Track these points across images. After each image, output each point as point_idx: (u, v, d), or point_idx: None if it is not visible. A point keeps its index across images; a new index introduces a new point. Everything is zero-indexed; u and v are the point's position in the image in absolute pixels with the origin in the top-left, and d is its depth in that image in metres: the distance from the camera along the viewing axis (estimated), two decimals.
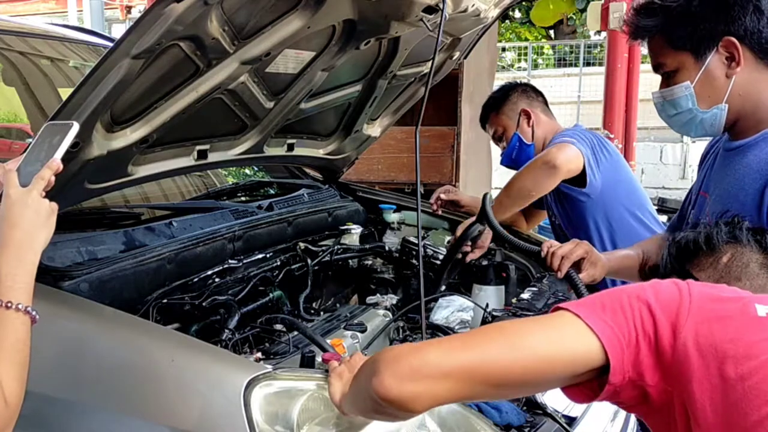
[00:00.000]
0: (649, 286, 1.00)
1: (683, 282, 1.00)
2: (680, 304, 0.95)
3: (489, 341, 0.98)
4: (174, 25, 1.41)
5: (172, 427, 1.33)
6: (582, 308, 0.98)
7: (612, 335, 0.94)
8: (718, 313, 0.94)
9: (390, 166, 4.27)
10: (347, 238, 2.52)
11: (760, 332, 0.91)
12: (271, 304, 1.99)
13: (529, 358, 0.95)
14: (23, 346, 1.07)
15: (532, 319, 1.04)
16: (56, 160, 1.21)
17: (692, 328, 0.92)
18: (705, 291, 0.98)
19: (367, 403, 1.08)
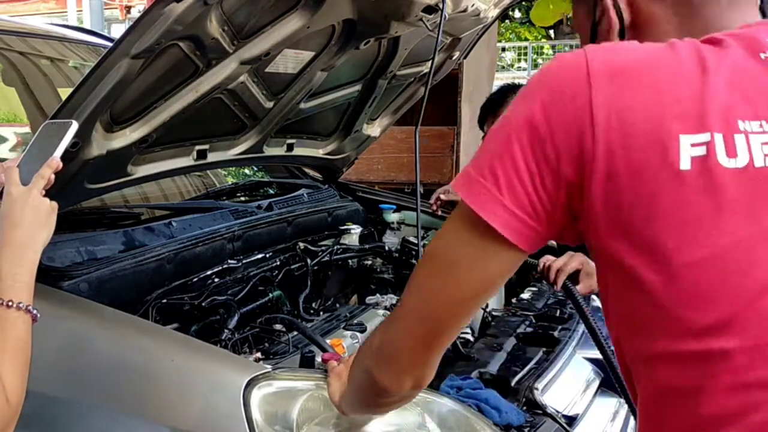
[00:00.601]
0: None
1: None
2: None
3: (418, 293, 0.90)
4: (173, 25, 1.41)
5: (172, 426, 1.33)
6: (479, 200, 0.79)
7: (519, 226, 0.78)
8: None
9: (390, 166, 4.27)
10: (347, 238, 2.52)
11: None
12: (270, 304, 1.99)
13: (462, 281, 0.84)
14: (24, 345, 1.07)
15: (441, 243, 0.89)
16: (56, 158, 1.21)
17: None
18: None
19: (367, 400, 1.07)
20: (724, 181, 0.72)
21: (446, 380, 1.61)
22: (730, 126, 0.73)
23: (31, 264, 1.12)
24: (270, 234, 2.26)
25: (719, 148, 0.73)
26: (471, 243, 0.81)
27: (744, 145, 0.73)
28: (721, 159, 0.72)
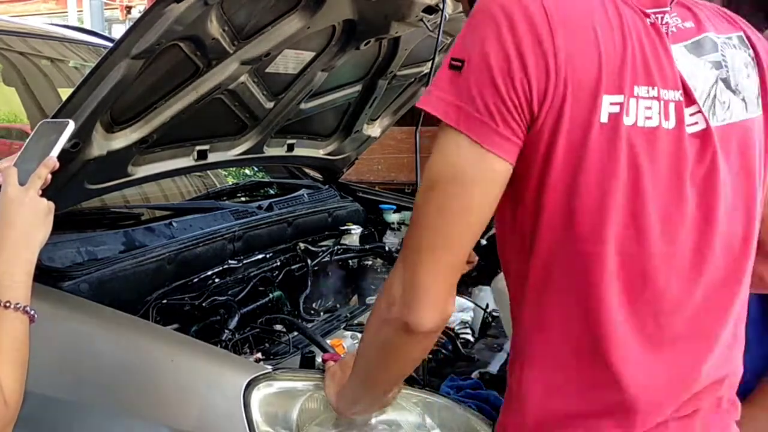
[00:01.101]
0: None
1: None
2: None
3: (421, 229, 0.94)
4: (174, 25, 1.41)
5: (172, 427, 1.33)
6: (480, 132, 0.89)
7: (511, 147, 0.90)
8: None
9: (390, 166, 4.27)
10: (347, 238, 2.52)
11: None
12: (271, 305, 1.99)
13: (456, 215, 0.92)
14: (22, 346, 1.06)
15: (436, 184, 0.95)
16: (53, 157, 1.20)
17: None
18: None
19: (389, 363, 1.05)
20: (621, 135, 0.89)
21: (446, 380, 1.61)
22: (631, 90, 0.90)
23: (28, 264, 1.12)
24: (270, 234, 2.26)
25: (625, 108, 0.89)
26: (474, 167, 0.90)
27: (635, 107, 0.90)
28: (624, 118, 0.89)
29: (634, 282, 0.94)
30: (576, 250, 0.93)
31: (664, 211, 0.93)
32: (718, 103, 0.97)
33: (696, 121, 0.95)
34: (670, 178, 0.93)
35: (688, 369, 0.99)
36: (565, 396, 0.97)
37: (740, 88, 1.00)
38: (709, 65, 0.98)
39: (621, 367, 0.94)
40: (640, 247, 0.93)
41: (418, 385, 1.53)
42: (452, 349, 1.80)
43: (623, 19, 0.92)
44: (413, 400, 1.40)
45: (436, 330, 0.97)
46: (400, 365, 1.07)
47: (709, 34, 0.99)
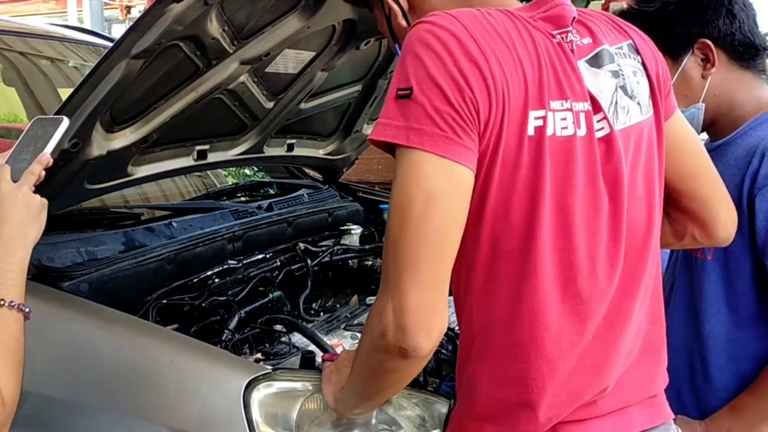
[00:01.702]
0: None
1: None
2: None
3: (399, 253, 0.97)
4: (174, 25, 1.41)
5: (172, 427, 1.33)
6: (448, 148, 0.96)
7: (472, 155, 0.97)
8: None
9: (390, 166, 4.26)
10: (347, 238, 2.52)
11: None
12: (271, 305, 1.99)
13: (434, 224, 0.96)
14: (17, 344, 1.06)
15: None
16: (46, 154, 1.20)
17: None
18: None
19: (382, 380, 1.07)
20: (545, 144, 1.00)
21: (446, 380, 1.61)
22: (549, 104, 1.00)
23: (22, 262, 1.11)
24: (270, 234, 2.26)
25: (547, 121, 1.00)
26: (446, 182, 0.96)
27: (552, 119, 1.00)
28: (547, 129, 1.00)
29: (565, 275, 1.03)
30: (513, 247, 1.02)
31: (584, 207, 1.03)
32: (619, 109, 1.09)
33: (602, 126, 1.06)
34: (586, 178, 1.04)
35: (611, 351, 1.09)
36: (509, 386, 1.06)
37: (635, 93, 1.12)
38: (609, 74, 1.09)
39: (556, 356, 1.04)
40: (568, 242, 1.02)
41: (418, 385, 1.53)
42: (452, 349, 1.80)
43: (535, 41, 1.03)
44: (413, 400, 1.40)
45: (433, 349, 0.98)
46: (396, 385, 1.10)
47: (605, 47, 1.10)
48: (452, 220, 0.97)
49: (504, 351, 1.06)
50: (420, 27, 1.00)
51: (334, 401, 1.24)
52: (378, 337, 0.99)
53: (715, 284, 1.51)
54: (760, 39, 1.52)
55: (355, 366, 1.13)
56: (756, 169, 1.42)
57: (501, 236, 1.02)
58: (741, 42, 1.51)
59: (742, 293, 1.49)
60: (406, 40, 1.00)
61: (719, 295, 1.51)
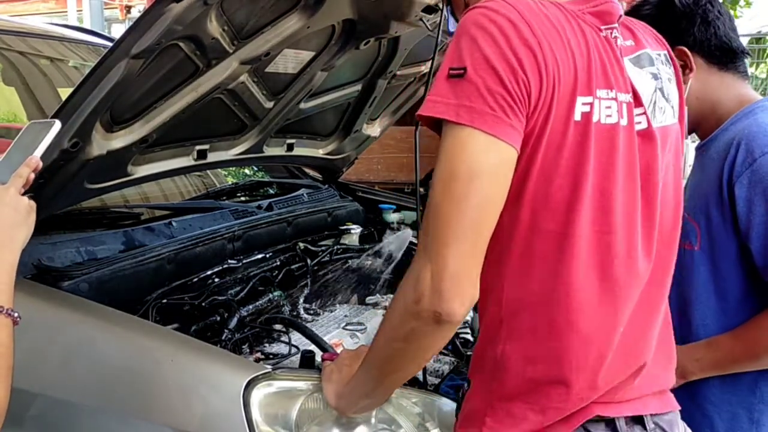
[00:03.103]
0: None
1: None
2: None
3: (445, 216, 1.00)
4: (173, 25, 1.41)
5: (172, 426, 1.33)
6: (496, 126, 0.99)
7: (518, 135, 1.01)
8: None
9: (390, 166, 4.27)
10: (347, 238, 2.52)
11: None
12: (270, 304, 1.99)
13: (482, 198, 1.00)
14: (6, 350, 1.04)
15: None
16: (35, 157, 1.19)
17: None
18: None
19: (408, 355, 1.08)
20: (591, 130, 1.04)
21: (446, 380, 1.61)
22: (596, 92, 1.04)
23: (9, 265, 1.10)
24: (270, 234, 2.26)
25: (593, 108, 1.04)
26: (492, 159, 0.99)
27: (598, 106, 1.04)
28: (593, 116, 1.04)
29: (603, 258, 1.07)
30: (552, 228, 1.05)
31: (624, 195, 1.08)
32: (657, 108, 1.15)
33: (641, 120, 1.11)
34: (625, 167, 1.08)
35: (642, 339, 1.14)
36: (543, 364, 1.08)
37: (670, 97, 1.19)
38: (649, 76, 1.15)
39: (592, 337, 1.07)
40: (608, 226, 1.06)
41: (418, 385, 1.53)
42: (452, 349, 1.80)
43: (584, 32, 1.07)
44: (413, 400, 1.40)
45: (462, 319, 1.02)
46: (422, 357, 1.11)
47: (646, 50, 1.17)
48: (494, 196, 1.01)
49: (538, 330, 1.08)
50: (476, 11, 1.03)
51: (336, 399, 1.24)
52: (413, 302, 1.01)
53: (704, 273, 1.57)
54: (737, 43, 1.60)
55: (375, 343, 1.14)
56: (733, 158, 1.49)
57: (540, 216, 1.05)
58: (717, 47, 1.59)
59: (730, 280, 1.54)
60: (461, 22, 1.04)
61: (708, 283, 1.57)
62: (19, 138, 1.24)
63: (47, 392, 1.41)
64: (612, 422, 1.12)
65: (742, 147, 1.49)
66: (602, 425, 1.12)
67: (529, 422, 1.09)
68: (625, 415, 1.13)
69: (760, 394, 1.57)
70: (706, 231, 1.56)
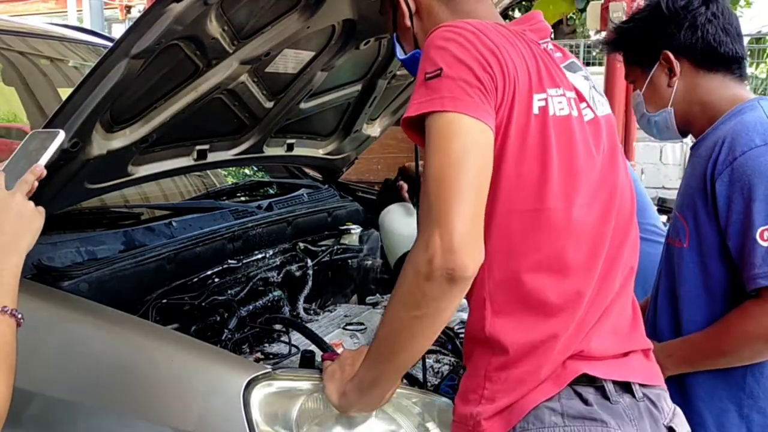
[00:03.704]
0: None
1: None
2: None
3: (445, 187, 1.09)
4: (173, 25, 1.41)
5: (172, 427, 1.33)
6: (477, 108, 1.12)
7: (491, 117, 1.14)
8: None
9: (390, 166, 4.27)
10: (347, 238, 2.52)
11: None
12: (270, 304, 1.99)
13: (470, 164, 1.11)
14: (10, 350, 1.06)
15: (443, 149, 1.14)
16: (40, 165, 1.22)
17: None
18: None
19: (388, 368, 1.16)
20: (549, 122, 1.19)
21: (446, 380, 1.61)
22: (546, 90, 1.21)
23: (15, 268, 1.12)
24: (270, 234, 2.26)
25: (548, 103, 1.20)
26: (478, 135, 1.12)
27: (551, 102, 1.21)
28: (549, 110, 1.20)
29: (576, 227, 1.20)
30: (526, 208, 1.18)
31: (585, 171, 1.22)
32: (596, 101, 1.33)
33: (587, 113, 1.28)
34: (583, 149, 1.23)
35: (608, 292, 1.27)
36: (530, 329, 1.19)
37: (602, 93, 1.37)
38: (582, 77, 1.33)
39: (574, 295, 1.20)
40: (575, 199, 1.20)
41: (418, 385, 1.53)
42: (452, 348, 1.80)
43: (529, 45, 1.25)
44: (413, 400, 1.40)
45: (473, 276, 1.09)
46: (434, 325, 1.14)
47: (573, 60, 1.35)
48: (485, 166, 1.13)
49: (525, 300, 1.20)
50: (441, 29, 1.19)
51: (338, 397, 1.24)
52: (425, 263, 1.07)
53: (692, 270, 1.61)
54: (727, 48, 1.64)
55: (387, 315, 1.17)
56: (716, 156, 1.55)
57: (515, 198, 1.18)
58: (703, 51, 1.64)
59: (716, 276, 1.58)
60: (428, 40, 1.18)
61: (696, 280, 1.61)
62: (23, 146, 1.27)
63: (46, 392, 1.41)
64: (601, 387, 1.21)
65: (726, 145, 1.54)
66: (592, 390, 1.20)
67: (527, 384, 1.19)
68: (614, 379, 1.22)
69: (749, 390, 1.59)
70: (693, 228, 1.60)
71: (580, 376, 1.20)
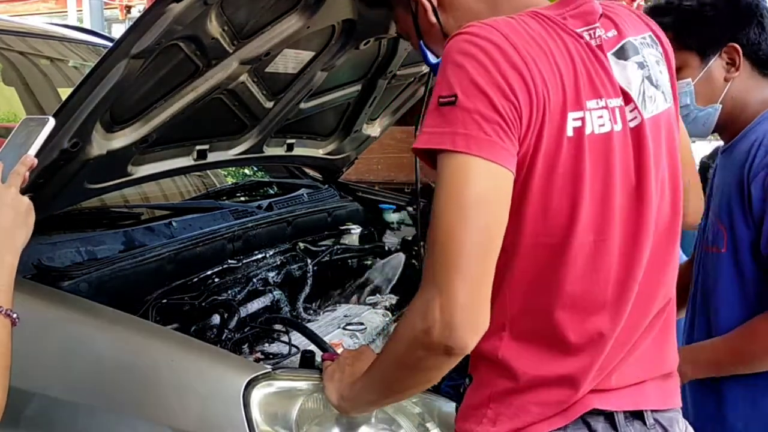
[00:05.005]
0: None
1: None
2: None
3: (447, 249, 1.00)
4: (173, 25, 1.41)
5: (172, 426, 1.33)
6: (493, 151, 0.99)
7: (512, 158, 1.01)
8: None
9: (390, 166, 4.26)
10: (347, 238, 2.52)
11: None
12: (270, 304, 1.99)
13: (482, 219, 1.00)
14: (4, 350, 1.04)
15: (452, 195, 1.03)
16: (30, 156, 1.18)
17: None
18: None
19: (412, 379, 1.08)
20: (584, 144, 1.04)
21: (446, 380, 1.61)
22: (584, 105, 1.05)
23: (10, 266, 1.09)
24: (270, 234, 2.26)
25: (585, 122, 1.04)
26: (492, 184, 0.99)
27: (590, 118, 1.05)
28: (586, 129, 1.04)
29: (598, 263, 1.09)
30: (553, 242, 1.06)
31: (622, 198, 1.09)
32: (647, 98, 1.14)
33: (635, 116, 1.11)
34: (623, 170, 1.09)
35: (638, 328, 1.15)
36: (547, 364, 1.10)
37: (659, 82, 1.17)
38: (635, 66, 1.14)
39: (604, 326, 1.10)
40: (606, 233, 1.08)
41: None
42: None
43: (567, 45, 1.07)
44: (413, 400, 1.40)
45: (473, 346, 1.01)
46: (429, 382, 1.09)
47: (629, 39, 1.15)
48: (497, 220, 1.01)
49: (540, 333, 1.11)
50: (459, 38, 1.03)
51: (338, 399, 1.24)
52: (422, 333, 0.99)
53: (729, 275, 1.58)
54: None
55: (381, 363, 1.13)
56: (753, 158, 1.51)
57: (541, 233, 1.06)
58: (765, 53, 1.60)
59: (751, 278, 1.55)
60: (446, 51, 1.03)
61: (733, 285, 1.58)
62: (12, 136, 1.23)
63: (46, 391, 1.41)
64: (611, 416, 1.13)
65: (762, 147, 1.50)
66: (601, 419, 1.13)
67: (531, 414, 1.11)
68: (624, 410, 1.14)
69: None
70: (730, 232, 1.57)
71: (591, 409, 1.13)
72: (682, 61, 1.61)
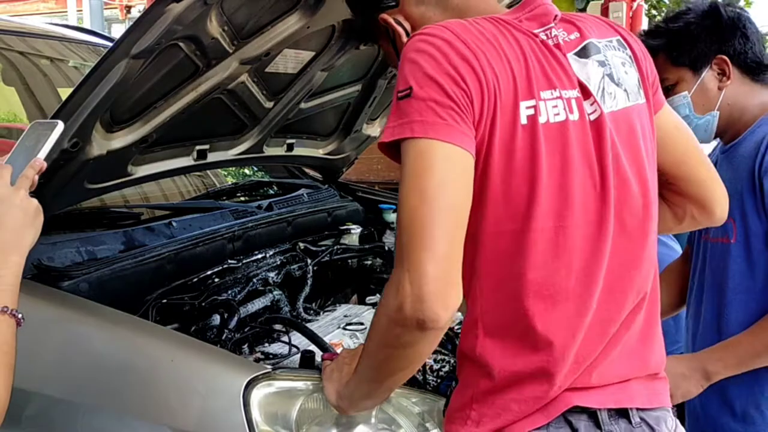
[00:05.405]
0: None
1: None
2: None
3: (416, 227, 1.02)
4: (173, 25, 1.41)
5: (172, 426, 1.34)
6: (451, 133, 1.03)
7: (471, 140, 1.05)
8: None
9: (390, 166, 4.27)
10: (347, 238, 2.52)
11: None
12: (270, 304, 1.99)
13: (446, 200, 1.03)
14: (9, 349, 1.04)
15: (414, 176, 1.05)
16: (39, 159, 1.19)
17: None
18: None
19: (397, 360, 1.09)
20: (539, 131, 1.09)
21: (446, 380, 1.61)
22: (539, 95, 1.10)
23: (16, 267, 1.09)
24: (270, 234, 2.26)
25: (539, 110, 1.09)
26: (452, 165, 1.04)
27: (544, 107, 1.10)
28: (538, 118, 1.09)
29: (560, 250, 1.11)
30: (513, 228, 1.09)
31: (581, 186, 1.12)
32: (606, 94, 1.19)
33: (594, 109, 1.15)
34: (581, 159, 1.12)
35: (613, 320, 1.17)
36: (520, 357, 1.12)
37: (621, 81, 1.22)
38: (596, 63, 1.19)
39: (562, 326, 1.12)
40: (565, 219, 1.10)
41: (418, 385, 1.53)
42: (452, 349, 1.80)
43: (519, 42, 1.13)
44: (413, 400, 1.40)
45: (449, 322, 1.02)
46: (410, 364, 1.11)
47: (591, 40, 1.21)
48: (462, 198, 1.04)
49: (509, 325, 1.13)
50: (414, 38, 1.10)
51: (336, 398, 1.24)
52: (395, 310, 1.01)
53: (741, 264, 1.67)
54: (765, 58, 1.74)
55: (367, 349, 1.14)
56: (763, 154, 1.61)
57: (503, 219, 1.09)
58: (752, 60, 1.72)
59: (764, 268, 1.64)
60: (403, 51, 1.10)
61: (744, 273, 1.67)
62: (22, 139, 1.24)
63: (46, 392, 1.41)
64: (594, 414, 1.14)
65: None
66: (584, 417, 1.14)
67: (512, 413, 1.13)
68: (608, 407, 1.15)
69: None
70: (741, 224, 1.66)
71: (573, 407, 1.14)
72: (678, 77, 1.75)
